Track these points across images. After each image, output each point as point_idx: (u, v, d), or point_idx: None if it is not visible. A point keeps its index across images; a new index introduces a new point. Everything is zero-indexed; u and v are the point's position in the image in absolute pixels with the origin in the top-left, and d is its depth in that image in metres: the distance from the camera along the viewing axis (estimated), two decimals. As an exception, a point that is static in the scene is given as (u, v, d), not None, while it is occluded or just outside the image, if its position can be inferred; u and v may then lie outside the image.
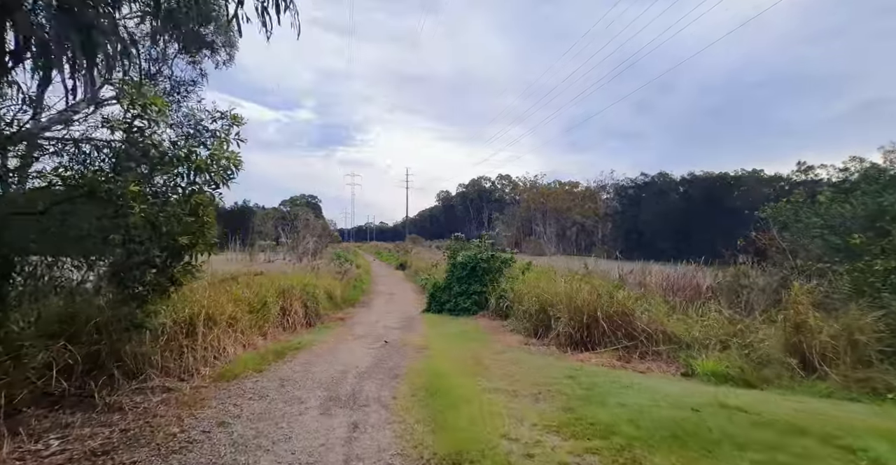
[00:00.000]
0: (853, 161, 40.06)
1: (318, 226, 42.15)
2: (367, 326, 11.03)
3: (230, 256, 42.76)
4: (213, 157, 3.97)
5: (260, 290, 8.92)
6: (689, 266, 11.76)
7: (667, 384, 4.88)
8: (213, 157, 3.97)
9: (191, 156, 3.82)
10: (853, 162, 40.05)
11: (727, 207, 48.88)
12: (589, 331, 6.99)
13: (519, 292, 9.81)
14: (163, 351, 5.50)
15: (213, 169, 4.02)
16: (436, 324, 11.09)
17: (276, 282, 10.18)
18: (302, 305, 10.71)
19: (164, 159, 3.67)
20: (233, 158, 4.16)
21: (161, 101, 3.64)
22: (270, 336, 8.70)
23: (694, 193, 53.19)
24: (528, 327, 8.62)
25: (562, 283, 8.02)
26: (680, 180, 58.28)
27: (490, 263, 12.89)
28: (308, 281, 11.74)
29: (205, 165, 3.89)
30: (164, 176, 3.66)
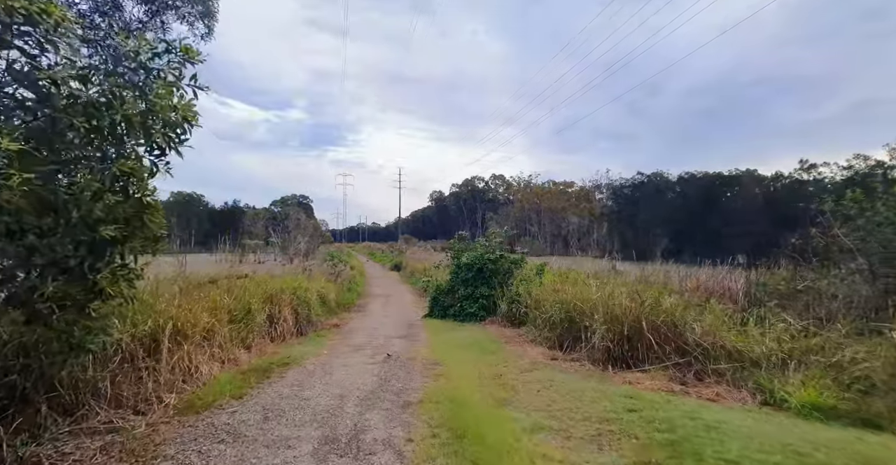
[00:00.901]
0: (857, 159, 39.62)
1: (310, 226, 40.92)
2: (366, 334, 9.91)
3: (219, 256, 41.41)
4: (152, 106, 2.80)
5: (243, 295, 7.77)
6: (709, 268, 10.80)
7: (762, 423, 3.84)
8: (154, 106, 2.81)
9: (113, 102, 2.65)
10: (857, 160, 39.60)
11: (726, 206, 48.32)
12: (631, 344, 5.93)
13: (537, 297, 8.74)
14: (114, 376, 4.35)
15: (152, 124, 2.86)
16: (441, 331, 9.99)
17: (263, 286, 9.02)
18: (292, 311, 9.56)
19: (75, 107, 2.51)
20: (184, 110, 2.99)
21: (59, 9, 2.46)
22: (256, 349, 7.55)
23: (691, 192, 52.58)
24: (551, 337, 7.55)
25: (593, 287, 6.96)
26: (677, 180, 57.70)
27: (498, 264, 11.82)
28: (299, 284, 10.59)
29: (138, 117, 2.73)
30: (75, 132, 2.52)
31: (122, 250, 2.95)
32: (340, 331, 10.36)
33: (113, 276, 2.92)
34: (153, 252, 3.40)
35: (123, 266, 3.06)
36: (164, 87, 2.83)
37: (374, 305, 15.37)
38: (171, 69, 2.94)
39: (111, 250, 2.84)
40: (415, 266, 25.92)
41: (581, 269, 11.67)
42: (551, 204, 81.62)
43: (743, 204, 46.97)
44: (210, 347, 6.04)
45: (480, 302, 11.52)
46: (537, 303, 8.63)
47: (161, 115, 2.78)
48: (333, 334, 9.99)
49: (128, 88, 2.71)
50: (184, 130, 3.06)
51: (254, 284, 8.77)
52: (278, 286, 9.27)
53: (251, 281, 8.85)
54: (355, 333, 10.06)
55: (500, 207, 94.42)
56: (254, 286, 8.63)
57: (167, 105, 2.80)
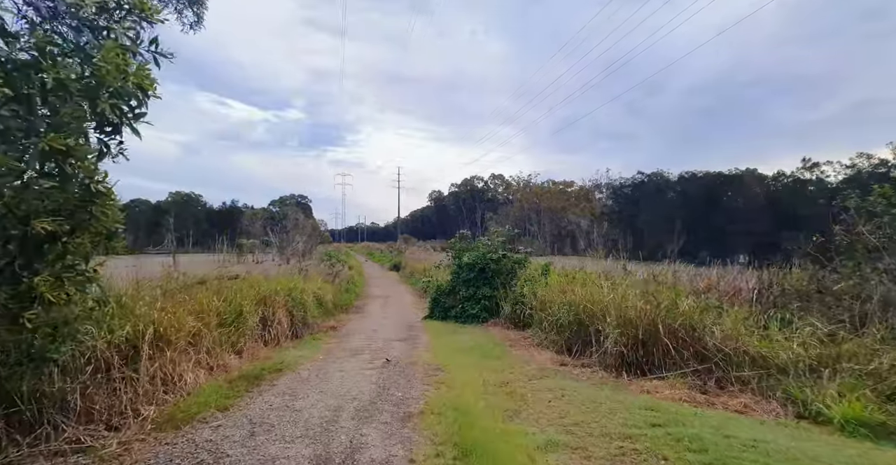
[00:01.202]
0: (860, 157, 39.28)
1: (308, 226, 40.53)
2: (364, 336, 9.53)
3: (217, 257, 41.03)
4: (97, 70, 2.35)
5: (234, 297, 7.38)
6: (717, 268, 10.43)
7: (804, 441, 3.46)
8: (99, 70, 2.35)
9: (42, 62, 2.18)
10: (860, 158, 39.26)
11: (728, 205, 48.00)
12: (646, 350, 5.55)
13: (543, 298, 8.36)
14: (85, 388, 3.96)
15: (98, 94, 2.41)
16: (442, 334, 9.61)
17: (256, 287, 8.63)
18: (287, 313, 9.17)
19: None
20: (138, 77, 2.54)
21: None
22: (247, 354, 7.16)
23: (692, 191, 52.25)
24: (559, 341, 7.17)
25: (605, 288, 6.57)
26: (677, 179, 57.38)
27: (501, 263, 11.43)
28: (294, 285, 10.19)
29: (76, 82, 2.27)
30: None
31: (67, 247, 2.54)
32: (338, 334, 9.98)
33: (56, 279, 2.51)
34: (106, 251, 2.99)
35: (70, 267, 2.63)
36: (114, 49, 2.40)
37: (373, 306, 14.99)
38: (125, 29, 2.51)
39: (52, 247, 2.43)
40: (414, 266, 25.54)
41: (586, 269, 11.30)
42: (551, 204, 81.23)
43: (744, 203, 46.67)
44: (196, 353, 5.65)
45: (483, 303, 11.14)
46: (543, 305, 8.25)
47: (108, 81, 2.35)
48: (330, 337, 9.61)
49: (65, 49, 2.29)
50: (139, 101, 2.63)
51: (246, 285, 8.38)
52: (272, 288, 8.88)
53: (244, 282, 8.46)
54: (353, 335, 9.68)
55: (500, 207, 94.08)
56: (246, 288, 8.24)
57: (115, 70, 2.36)
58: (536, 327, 8.40)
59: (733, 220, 46.76)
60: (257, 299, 8.39)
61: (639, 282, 7.96)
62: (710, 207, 48.92)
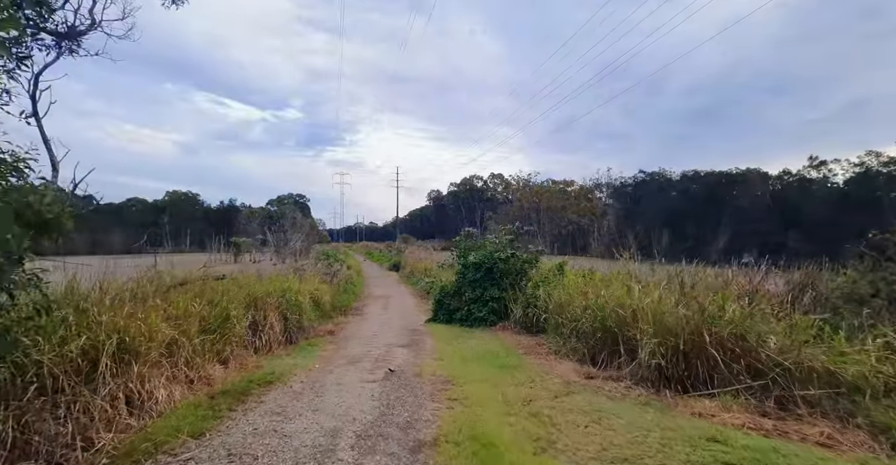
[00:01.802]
0: (869, 155, 38.61)
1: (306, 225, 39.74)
2: (364, 342, 8.80)
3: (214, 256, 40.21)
4: None
5: (220, 300, 6.63)
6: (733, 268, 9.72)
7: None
8: None
9: None
10: (869, 156, 38.60)
11: (732, 204, 47.38)
12: (688, 362, 4.83)
13: (559, 301, 7.63)
14: (21, 415, 3.23)
15: None
16: (449, 339, 8.88)
17: (246, 288, 7.90)
18: (280, 317, 8.44)
19: None
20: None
21: None
22: (235, 363, 6.43)
23: (696, 190, 51.61)
24: (580, 349, 6.44)
25: (636, 290, 5.83)
26: (680, 178, 56.74)
27: (510, 263, 10.71)
28: (289, 286, 9.46)
29: None
30: None
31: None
32: (335, 338, 9.25)
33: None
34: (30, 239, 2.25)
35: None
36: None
37: (373, 307, 14.26)
38: None
39: None
40: (415, 266, 24.81)
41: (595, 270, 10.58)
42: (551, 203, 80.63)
43: (749, 203, 46.04)
44: (172, 365, 4.91)
45: (490, 305, 10.42)
46: (560, 308, 7.52)
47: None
48: (327, 342, 8.88)
49: None
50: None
51: (234, 286, 7.64)
52: (264, 289, 8.14)
53: (232, 283, 7.72)
54: (352, 340, 8.95)
55: (499, 207, 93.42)
56: (234, 289, 7.50)
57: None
58: (552, 332, 7.68)
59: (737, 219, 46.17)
60: (247, 301, 7.67)
61: (659, 283, 7.25)
62: (714, 207, 48.29)
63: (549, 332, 7.78)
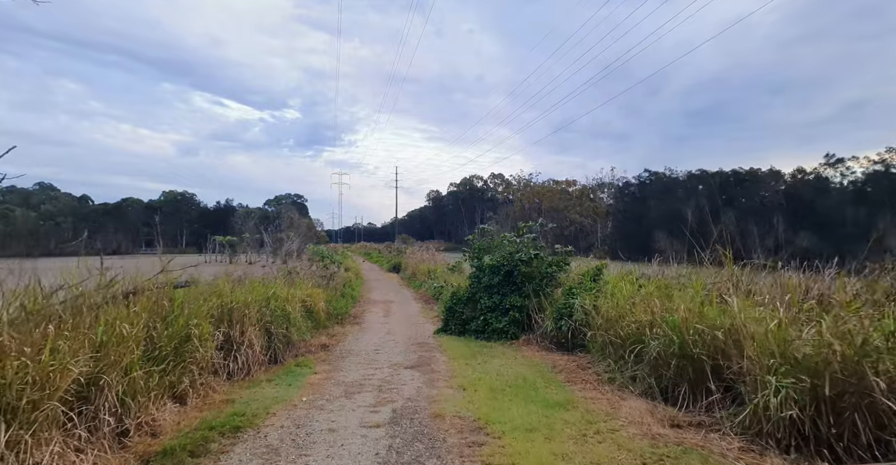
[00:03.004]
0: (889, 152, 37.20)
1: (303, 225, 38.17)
2: (363, 360, 7.33)
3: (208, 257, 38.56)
4: None
5: (180, 315, 5.14)
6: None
7: None
8: None
9: None
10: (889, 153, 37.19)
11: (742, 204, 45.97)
12: (838, 416, 3.34)
13: (607, 315, 6.14)
14: None
15: None
16: (466, 357, 7.40)
17: (219, 297, 6.41)
18: (262, 331, 6.96)
19: None
20: None
21: None
22: (196, 397, 4.94)
23: (705, 189, 50.19)
24: (644, 378, 4.96)
25: (737, 304, 4.31)
26: (687, 177, 55.34)
27: (534, 265, 9.24)
28: (275, 292, 7.97)
29: None
30: None
31: None
32: (330, 355, 7.76)
33: None
34: None
35: None
36: None
37: (373, 315, 12.77)
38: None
39: None
40: (417, 267, 23.30)
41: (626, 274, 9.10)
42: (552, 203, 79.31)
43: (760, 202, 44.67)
44: (89, 418, 3.42)
45: (511, 315, 8.94)
46: (610, 323, 6.03)
47: None
48: (320, 360, 7.39)
49: None
50: None
51: (203, 295, 6.14)
52: (241, 298, 6.63)
53: (197, 291, 6.21)
54: (349, 358, 7.46)
55: (500, 207, 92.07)
56: (202, 299, 6.00)
57: None
58: (598, 352, 6.20)
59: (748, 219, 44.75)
60: (218, 314, 6.18)
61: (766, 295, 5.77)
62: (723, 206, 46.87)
63: (594, 352, 6.29)
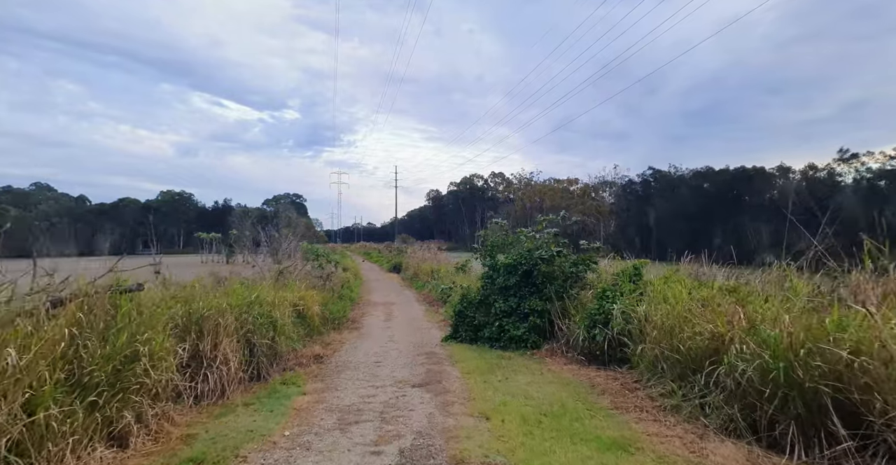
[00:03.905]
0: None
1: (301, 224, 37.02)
2: (362, 376, 6.21)
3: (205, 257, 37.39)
4: None
5: (125, 328, 4.00)
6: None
7: None
8: None
9: None
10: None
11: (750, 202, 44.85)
12: None
13: (661, 323, 5.01)
14: None
15: None
16: (483, 371, 6.28)
17: (183, 304, 5.28)
18: (243, 343, 5.84)
19: None
20: None
21: None
22: (146, 436, 3.81)
23: (711, 187, 49.03)
24: (724, 408, 3.83)
25: (872, 314, 3.21)
26: (692, 175, 54.19)
27: (557, 264, 8.12)
28: (259, 296, 6.84)
29: None
30: None
31: None
32: (323, 370, 6.64)
33: None
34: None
35: None
36: None
37: (374, 318, 11.64)
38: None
39: None
40: (419, 267, 22.16)
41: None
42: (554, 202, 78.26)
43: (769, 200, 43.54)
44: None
45: (531, 321, 7.82)
46: (663, 333, 4.91)
47: None
48: (311, 376, 6.28)
49: None
50: None
51: (163, 302, 5.01)
52: (214, 304, 5.50)
53: (158, 298, 5.08)
54: (346, 374, 6.35)
55: (501, 206, 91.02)
56: (163, 307, 4.87)
57: None
58: (647, 370, 5.07)
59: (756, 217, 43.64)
60: (186, 323, 5.06)
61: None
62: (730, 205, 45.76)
63: (643, 368, 5.16)
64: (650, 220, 52.67)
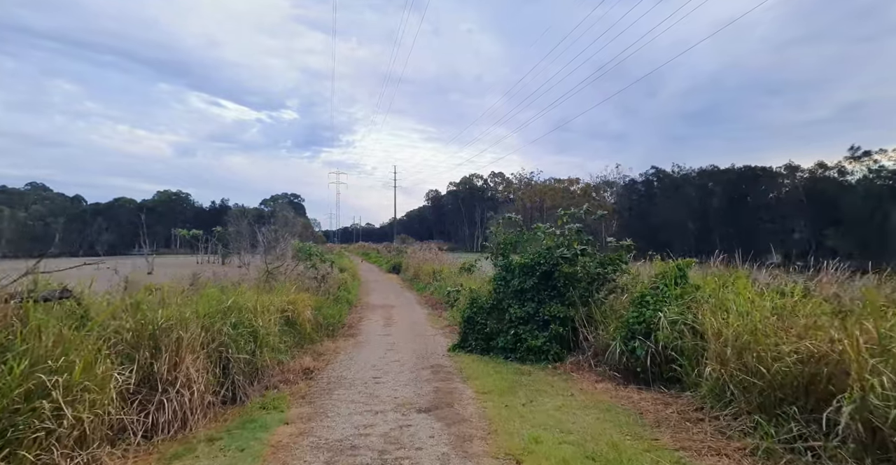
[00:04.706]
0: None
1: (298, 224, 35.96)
2: (358, 398, 5.22)
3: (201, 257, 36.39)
4: None
5: (26, 353, 2.99)
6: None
7: None
8: None
9: None
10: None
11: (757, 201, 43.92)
12: None
13: (735, 338, 3.99)
14: None
15: None
16: (501, 392, 5.29)
17: (137, 313, 4.27)
18: (213, 358, 4.84)
19: None
20: None
21: None
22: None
23: (717, 186, 48.06)
24: (841, 455, 2.84)
25: None
26: (698, 174, 53.23)
27: (581, 264, 7.13)
28: (236, 300, 5.83)
29: None
30: None
31: None
32: (312, 388, 5.65)
33: None
34: None
35: None
36: None
37: (372, 323, 10.64)
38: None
39: None
40: (420, 268, 21.17)
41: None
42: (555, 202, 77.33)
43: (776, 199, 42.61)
44: None
45: (552, 330, 6.82)
46: (737, 351, 3.90)
47: None
48: (297, 397, 5.28)
49: None
50: None
51: (106, 312, 4.00)
52: (175, 313, 4.48)
53: (104, 305, 4.08)
54: (339, 394, 5.35)
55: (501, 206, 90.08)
56: (104, 319, 3.86)
57: None
58: (712, 396, 4.07)
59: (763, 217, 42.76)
60: (136, 338, 4.05)
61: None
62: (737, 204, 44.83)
63: (707, 393, 4.15)
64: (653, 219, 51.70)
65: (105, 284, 5.76)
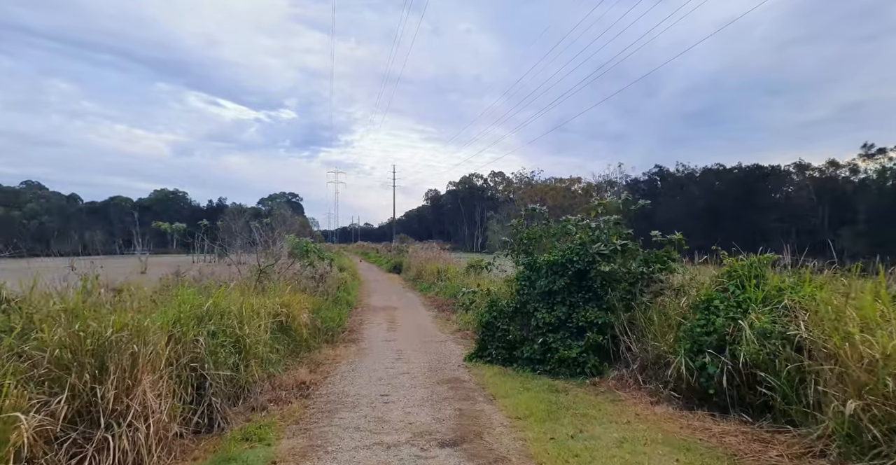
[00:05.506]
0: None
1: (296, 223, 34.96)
2: (364, 425, 4.23)
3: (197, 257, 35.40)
4: None
5: None
6: None
7: None
8: None
9: None
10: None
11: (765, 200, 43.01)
12: None
13: (862, 358, 3.03)
14: None
15: None
16: (541, 419, 4.30)
17: (74, 321, 3.27)
18: (184, 377, 3.84)
19: None
20: None
21: None
22: None
23: (722, 185, 47.15)
24: None
25: None
26: (702, 172, 52.34)
27: (621, 262, 6.15)
28: (217, 304, 4.84)
29: None
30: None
31: None
32: (308, 410, 4.66)
33: None
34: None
35: None
36: None
37: (375, 327, 9.65)
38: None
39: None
40: (423, 267, 20.16)
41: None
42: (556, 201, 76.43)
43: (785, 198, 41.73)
44: None
45: (589, 338, 5.82)
46: (870, 376, 2.92)
47: None
48: (290, 423, 4.29)
49: None
50: None
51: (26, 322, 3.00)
52: (129, 321, 3.48)
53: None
54: (340, 418, 4.36)
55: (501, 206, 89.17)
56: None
57: None
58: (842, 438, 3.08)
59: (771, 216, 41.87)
60: (70, 357, 3.05)
61: None
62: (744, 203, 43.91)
63: (833, 431, 3.15)
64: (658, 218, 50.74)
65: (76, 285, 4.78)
